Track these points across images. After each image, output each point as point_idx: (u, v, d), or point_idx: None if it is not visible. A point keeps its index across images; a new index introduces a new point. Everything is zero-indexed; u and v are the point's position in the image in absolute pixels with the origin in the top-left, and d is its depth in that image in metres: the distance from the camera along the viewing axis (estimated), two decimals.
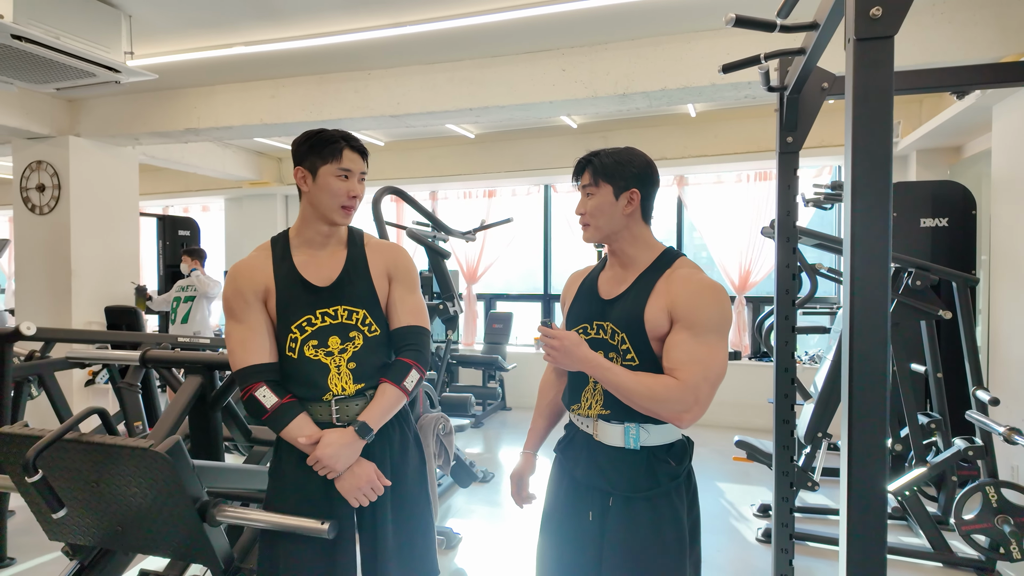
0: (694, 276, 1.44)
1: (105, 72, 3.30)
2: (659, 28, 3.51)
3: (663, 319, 1.42)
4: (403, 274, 1.66)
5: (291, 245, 1.63)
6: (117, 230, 5.19)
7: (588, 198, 1.49)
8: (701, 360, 1.37)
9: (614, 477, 1.46)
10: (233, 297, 1.57)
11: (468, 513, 3.67)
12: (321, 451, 1.51)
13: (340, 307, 1.58)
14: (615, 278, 1.55)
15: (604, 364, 1.40)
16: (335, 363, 1.57)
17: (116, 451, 1.56)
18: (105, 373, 3.66)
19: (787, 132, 2.21)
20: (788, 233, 2.23)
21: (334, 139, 1.56)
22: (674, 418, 1.37)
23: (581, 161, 1.52)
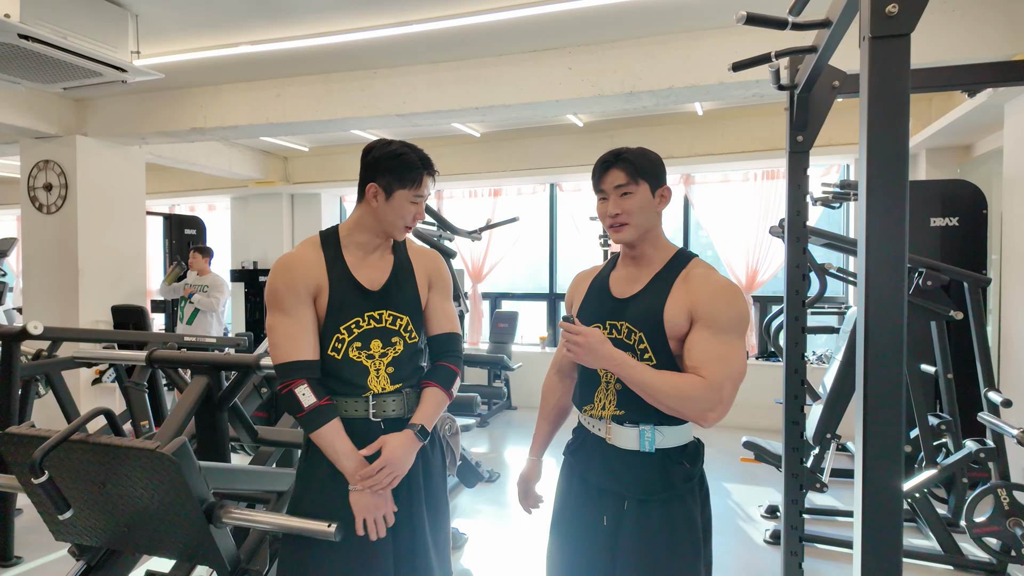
0: (712, 276, 1.45)
1: (112, 71, 3.30)
2: (666, 26, 3.49)
3: (683, 319, 1.42)
4: (443, 282, 1.70)
5: (342, 245, 1.62)
6: (124, 229, 5.20)
7: (625, 198, 1.46)
8: (723, 358, 1.36)
9: (628, 480, 1.45)
10: (285, 290, 1.54)
11: (474, 513, 3.66)
12: (391, 452, 1.50)
13: (387, 312, 1.60)
14: (628, 277, 1.54)
15: (629, 362, 1.38)
16: (375, 366, 1.58)
17: (122, 452, 1.55)
18: (112, 372, 3.67)
19: (797, 131, 2.19)
20: (798, 233, 2.21)
21: (415, 165, 1.56)
22: (699, 417, 1.35)
23: (607, 161, 1.48)
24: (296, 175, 7.23)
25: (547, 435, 1.74)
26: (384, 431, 1.57)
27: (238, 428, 2.10)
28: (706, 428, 1.41)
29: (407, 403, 1.61)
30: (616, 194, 1.46)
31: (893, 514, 1.12)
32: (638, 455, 1.45)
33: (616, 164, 1.46)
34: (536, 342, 6.78)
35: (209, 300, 5.15)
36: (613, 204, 1.47)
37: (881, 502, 1.12)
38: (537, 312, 6.94)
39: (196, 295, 5.09)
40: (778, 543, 3.27)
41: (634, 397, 1.43)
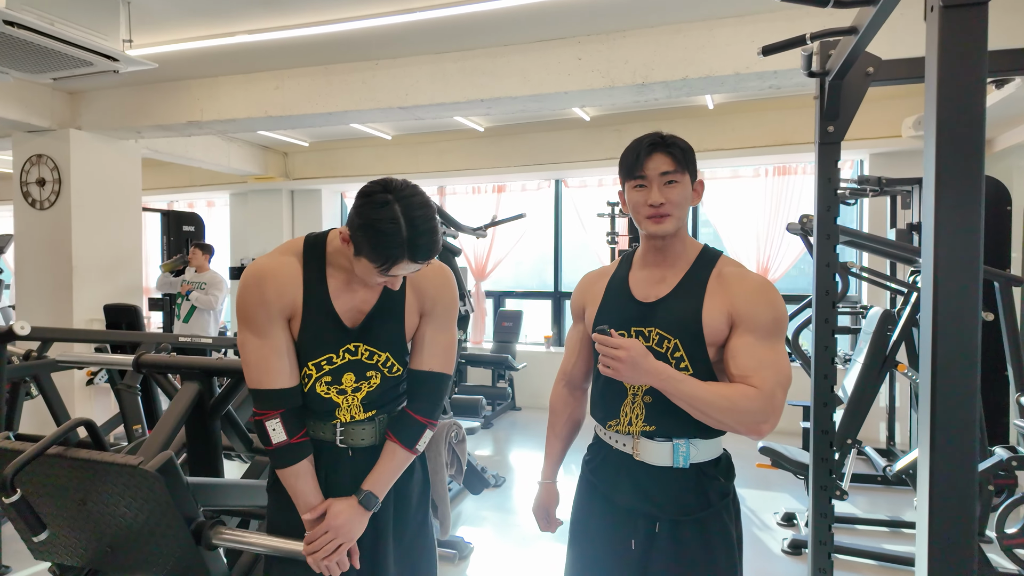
0: (749, 275, 1.33)
1: (103, 61, 3.16)
2: (680, 15, 3.35)
3: (722, 323, 1.29)
4: (441, 309, 1.44)
5: (328, 261, 1.38)
6: (119, 225, 5.07)
7: (670, 187, 1.32)
8: (772, 365, 1.25)
9: (661, 500, 1.33)
10: (256, 307, 1.34)
11: (479, 520, 3.54)
12: (334, 519, 1.35)
13: (362, 345, 1.40)
14: (651, 278, 1.40)
15: (676, 375, 1.25)
16: (346, 401, 1.42)
17: (103, 468, 1.42)
18: (104, 373, 3.54)
19: (828, 121, 2.05)
20: (828, 230, 2.07)
21: (392, 247, 1.21)
22: (753, 430, 1.24)
23: (654, 143, 1.32)
24: (296, 171, 7.09)
25: (559, 454, 1.61)
26: (352, 459, 1.43)
27: (232, 437, 1.97)
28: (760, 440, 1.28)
29: (380, 430, 1.44)
30: (661, 181, 1.32)
31: (965, 553, 0.98)
32: (670, 472, 1.33)
33: (664, 148, 1.32)
34: (541, 341, 6.65)
35: (207, 298, 5.03)
36: (657, 192, 1.31)
37: (952, 539, 0.99)
38: (542, 311, 6.80)
39: (194, 293, 4.97)
40: (796, 553, 3.15)
41: (666, 410, 1.30)
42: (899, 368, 3.09)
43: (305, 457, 1.39)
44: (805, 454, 3.25)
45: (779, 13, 3.25)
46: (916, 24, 2.98)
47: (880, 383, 3.17)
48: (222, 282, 5.16)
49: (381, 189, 1.24)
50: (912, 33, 2.97)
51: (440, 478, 2.24)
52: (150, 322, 6.74)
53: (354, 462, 1.43)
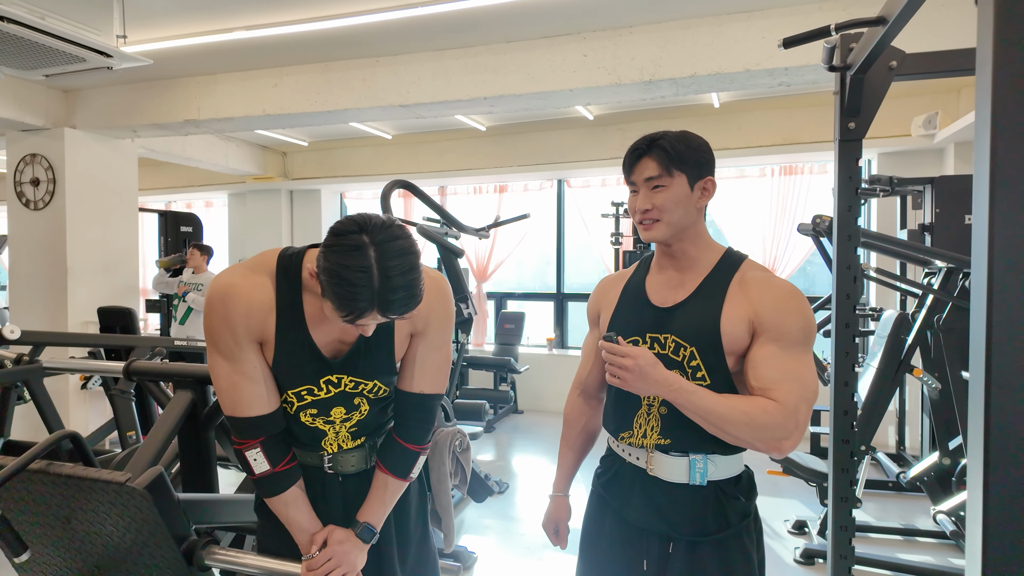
0: (774, 281, 1.25)
1: (96, 57, 3.07)
2: (689, 10, 3.26)
3: (743, 331, 1.21)
4: (434, 330, 1.31)
5: (304, 284, 1.23)
6: (115, 226, 4.98)
7: (656, 191, 1.26)
8: (797, 377, 1.17)
9: (676, 519, 1.25)
10: (222, 330, 1.20)
11: (483, 529, 3.45)
12: (339, 546, 1.29)
13: (347, 377, 1.29)
14: (669, 283, 1.33)
15: (687, 387, 1.17)
16: (334, 429, 1.34)
17: (88, 485, 1.34)
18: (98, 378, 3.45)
19: (849, 117, 1.97)
20: (850, 231, 1.98)
21: (359, 303, 1.07)
22: (773, 447, 1.15)
23: (639, 149, 1.27)
24: (295, 171, 7.00)
25: (573, 466, 1.53)
26: (342, 484, 1.36)
27: (227, 447, 1.88)
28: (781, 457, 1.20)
29: (369, 456, 1.38)
30: (647, 187, 1.27)
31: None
32: (687, 489, 1.25)
33: (648, 153, 1.26)
34: (543, 343, 6.57)
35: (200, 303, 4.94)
36: (644, 198, 1.28)
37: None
38: (544, 312, 6.72)
39: (191, 294, 4.88)
40: (809, 563, 3.06)
41: (682, 422, 1.22)
42: (915, 373, 3.01)
43: (294, 484, 1.31)
44: (818, 461, 3.17)
45: (791, 8, 3.17)
46: (936, 18, 2.89)
47: (895, 388, 3.09)
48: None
49: (356, 229, 1.07)
50: (931, 28, 2.89)
51: (444, 488, 2.15)
52: (147, 324, 6.66)
53: (344, 488, 1.37)
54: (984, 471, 0.92)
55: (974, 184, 0.98)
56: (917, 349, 3.07)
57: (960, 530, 2.91)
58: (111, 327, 4.00)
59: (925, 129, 4.55)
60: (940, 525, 3.17)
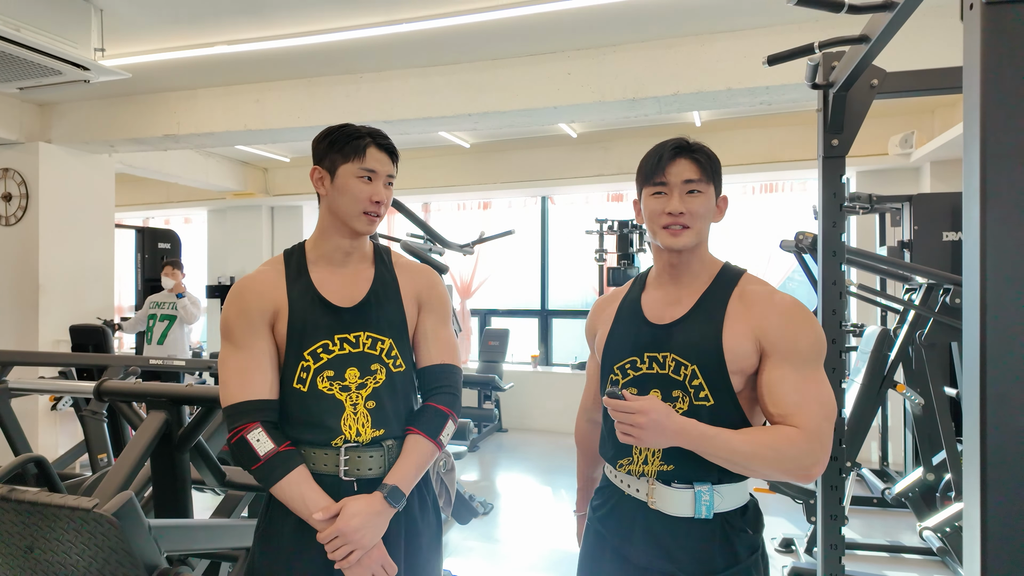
0: (777, 295, 1.20)
1: (73, 70, 3.02)
2: (672, 30, 3.30)
3: (748, 348, 1.16)
4: (437, 303, 1.42)
5: (308, 259, 1.37)
6: (90, 242, 4.87)
7: (692, 196, 1.20)
8: (815, 398, 1.12)
9: (681, 557, 1.17)
10: (236, 318, 1.30)
11: (466, 551, 3.37)
12: (345, 523, 1.20)
13: (363, 333, 1.32)
14: (666, 299, 1.27)
15: (708, 432, 1.11)
16: (351, 400, 1.29)
17: (52, 511, 1.27)
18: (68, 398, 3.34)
19: (832, 134, 1.99)
20: (834, 247, 1.99)
21: (358, 134, 1.32)
22: (802, 476, 1.10)
23: (679, 147, 1.21)
24: (276, 187, 6.93)
25: (591, 485, 1.48)
26: (358, 493, 1.27)
27: (203, 470, 1.81)
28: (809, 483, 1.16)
29: (388, 459, 1.30)
30: (683, 189, 1.20)
31: None
32: (692, 523, 1.17)
33: (689, 154, 1.21)
34: (528, 361, 6.52)
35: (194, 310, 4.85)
36: (678, 201, 1.19)
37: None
38: (529, 329, 6.68)
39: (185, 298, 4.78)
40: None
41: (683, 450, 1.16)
42: (898, 388, 3.02)
43: (301, 463, 1.26)
44: None
45: (771, 28, 3.22)
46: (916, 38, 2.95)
47: (879, 404, 3.10)
48: (197, 300, 4.99)
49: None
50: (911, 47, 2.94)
51: None
52: (122, 343, 6.49)
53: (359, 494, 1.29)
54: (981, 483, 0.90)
55: (964, 199, 0.98)
56: (900, 364, 3.08)
57: (947, 546, 2.91)
58: (83, 346, 3.89)
59: (902, 148, 4.63)
60: (926, 541, 3.17)
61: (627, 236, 5.25)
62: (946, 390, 3.12)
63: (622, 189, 6.11)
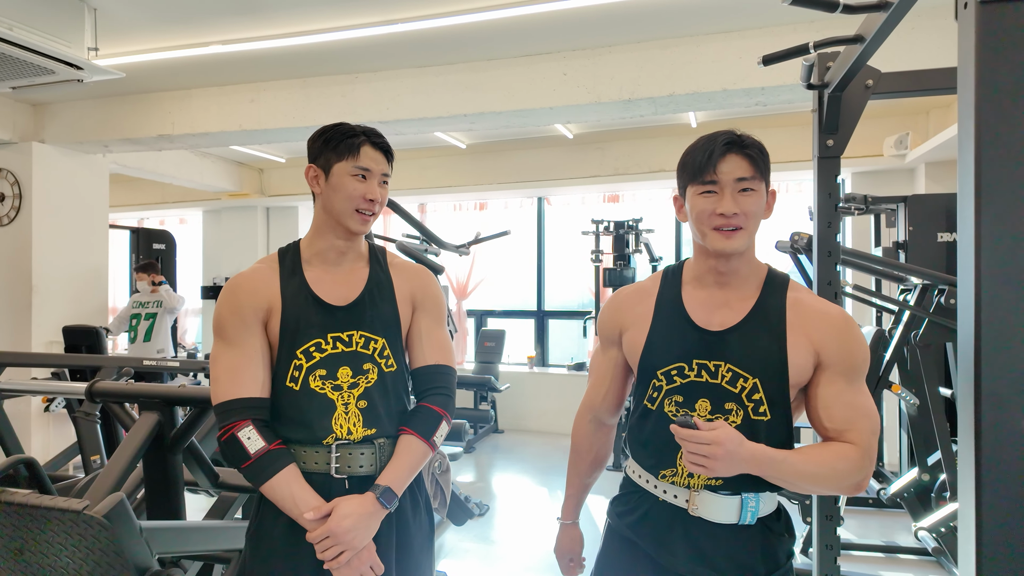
0: (830, 309, 1.17)
1: (66, 69, 3.00)
2: (667, 30, 3.30)
3: (809, 364, 1.14)
4: (432, 303, 1.42)
5: (302, 258, 1.38)
6: (84, 243, 4.84)
7: (745, 195, 1.12)
8: (865, 412, 1.12)
9: (723, 564, 1.14)
10: (229, 315, 1.30)
11: (461, 553, 3.36)
12: (337, 524, 1.19)
13: (356, 333, 1.32)
14: (712, 301, 1.20)
15: (777, 457, 1.07)
16: (343, 400, 1.29)
17: (42, 514, 1.26)
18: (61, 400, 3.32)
19: (827, 134, 1.99)
20: (830, 247, 1.99)
21: (353, 133, 1.33)
22: (853, 490, 1.11)
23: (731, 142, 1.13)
24: (272, 187, 6.91)
25: (582, 493, 1.43)
26: (349, 492, 1.27)
27: (196, 471, 1.80)
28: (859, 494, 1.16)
29: (380, 458, 1.30)
30: (735, 188, 1.12)
31: None
32: (734, 529, 1.14)
33: (741, 149, 1.12)
34: (524, 361, 6.52)
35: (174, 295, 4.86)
36: (731, 200, 1.11)
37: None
38: (525, 330, 6.68)
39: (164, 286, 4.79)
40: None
41: None
42: (893, 389, 3.02)
43: (291, 462, 1.25)
44: None
45: (766, 29, 3.22)
46: (911, 39, 2.96)
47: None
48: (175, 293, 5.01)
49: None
50: (906, 48, 2.95)
51: None
52: (115, 344, 6.46)
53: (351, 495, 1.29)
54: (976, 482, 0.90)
55: (959, 198, 0.98)
56: (895, 365, 3.09)
57: (942, 547, 2.91)
58: (77, 347, 3.87)
59: (896, 149, 4.65)
60: (922, 542, 3.17)
61: (623, 237, 5.25)
62: (941, 390, 3.12)
63: (618, 190, 6.12)
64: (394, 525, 1.32)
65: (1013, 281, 0.91)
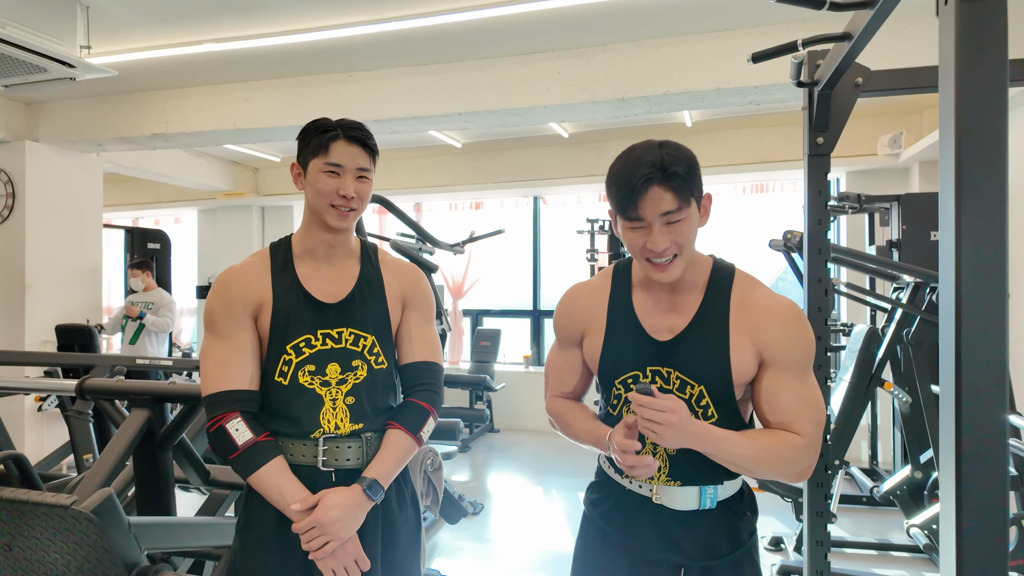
0: (774, 302, 1.17)
1: (58, 67, 3.00)
2: (661, 29, 3.31)
3: (751, 362, 1.15)
4: (422, 301, 1.43)
5: (293, 254, 1.39)
6: (78, 242, 4.83)
7: (673, 227, 1.09)
8: (811, 403, 1.14)
9: (689, 547, 1.19)
10: (220, 309, 1.31)
11: (456, 552, 3.36)
12: (324, 514, 1.21)
13: (346, 330, 1.33)
14: (660, 306, 1.21)
15: (719, 434, 1.10)
16: (331, 395, 1.30)
17: (30, 509, 1.26)
18: (54, 398, 3.31)
19: (817, 132, 2.00)
20: (820, 244, 2.00)
21: (326, 128, 1.32)
22: (797, 477, 1.14)
23: (648, 176, 1.06)
24: (267, 187, 6.91)
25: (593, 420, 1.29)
26: (336, 484, 1.28)
27: (187, 469, 1.80)
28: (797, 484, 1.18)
29: (367, 452, 1.31)
30: (662, 222, 1.08)
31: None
32: (697, 514, 1.20)
33: (663, 182, 1.06)
34: (520, 361, 6.52)
35: (162, 320, 4.81)
36: (660, 236, 1.08)
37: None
38: (521, 329, 6.68)
39: (148, 316, 4.75)
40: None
41: (692, 461, 1.17)
42: (886, 387, 3.03)
43: (279, 454, 1.26)
44: None
45: (759, 28, 3.23)
46: (902, 38, 2.97)
47: (867, 402, 3.11)
48: (171, 303, 4.94)
49: None
50: (896, 48, 2.96)
51: None
52: (110, 344, 6.45)
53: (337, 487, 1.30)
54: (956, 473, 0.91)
55: (940, 192, 0.98)
56: (888, 363, 3.10)
57: (933, 543, 2.92)
58: (69, 346, 3.86)
59: (891, 148, 4.66)
60: (913, 539, 3.19)
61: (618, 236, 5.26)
62: (933, 388, 3.13)
63: None
64: (380, 517, 1.33)
65: (992, 274, 0.91)
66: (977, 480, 0.91)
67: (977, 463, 0.91)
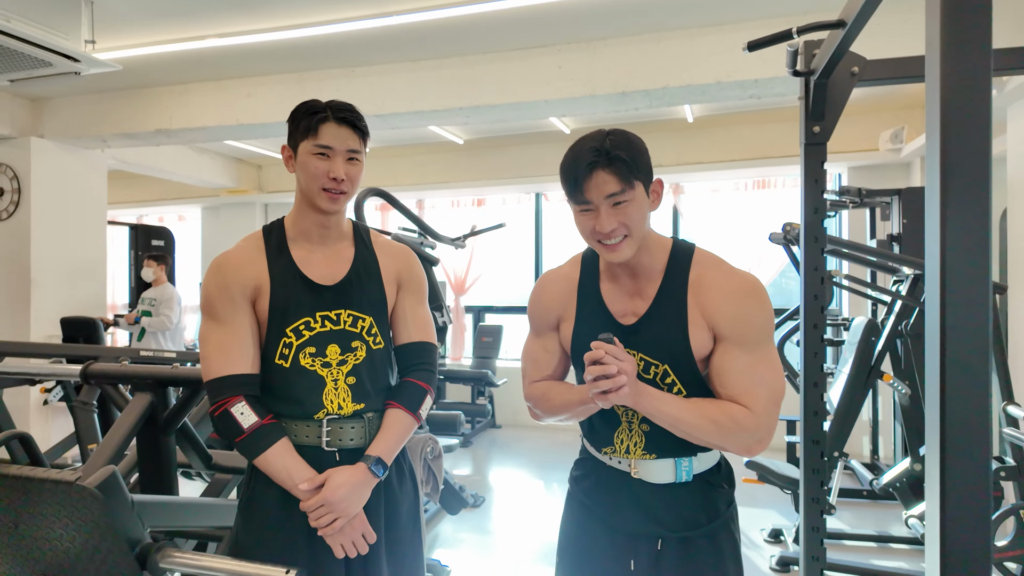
0: (728, 280, 1.19)
1: (63, 62, 3.03)
2: (662, 23, 3.32)
3: (707, 339, 1.18)
4: (415, 283, 1.46)
5: (287, 236, 1.39)
6: (83, 238, 4.87)
7: (619, 208, 1.13)
8: (765, 380, 1.15)
9: (667, 518, 1.23)
10: (217, 293, 1.31)
11: (456, 543, 3.39)
12: (332, 493, 1.24)
13: (344, 312, 1.35)
14: (624, 292, 1.25)
15: (654, 394, 1.14)
16: (332, 376, 1.32)
17: (36, 486, 1.28)
18: (59, 390, 3.35)
19: (814, 121, 2.01)
20: (816, 233, 2.01)
21: (315, 110, 1.31)
22: (744, 451, 1.16)
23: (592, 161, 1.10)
24: (270, 183, 6.95)
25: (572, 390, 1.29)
26: (340, 463, 1.30)
27: (189, 453, 1.83)
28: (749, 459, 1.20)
29: (369, 431, 1.34)
30: (607, 204, 1.13)
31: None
32: (674, 488, 1.23)
33: (608, 165, 1.11)
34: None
35: (159, 320, 4.84)
36: (606, 218, 1.13)
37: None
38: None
39: (143, 319, 4.79)
40: (785, 570, 3.05)
41: (667, 437, 1.20)
42: (885, 378, 3.04)
43: (284, 436, 1.29)
44: (793, 468, 3.18)
45: (759, 22, 3.24)
46: (901, 30, 2.98)
47: (866, 394, 3.12)
48: (173, 298, 4.98)
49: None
50: (891, 40, 2.97)
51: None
52: (115, 339, 6.49)
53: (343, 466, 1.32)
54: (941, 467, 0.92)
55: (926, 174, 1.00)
56: (887, 354, 3.11)
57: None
58: (74, 338, 3.90)
59: (892, 143, 4.66)
60: (912, 529, 3.19)
61: None
62: None
63: None
64: (382, 493, 1.35)
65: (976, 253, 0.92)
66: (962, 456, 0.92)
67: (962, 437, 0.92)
